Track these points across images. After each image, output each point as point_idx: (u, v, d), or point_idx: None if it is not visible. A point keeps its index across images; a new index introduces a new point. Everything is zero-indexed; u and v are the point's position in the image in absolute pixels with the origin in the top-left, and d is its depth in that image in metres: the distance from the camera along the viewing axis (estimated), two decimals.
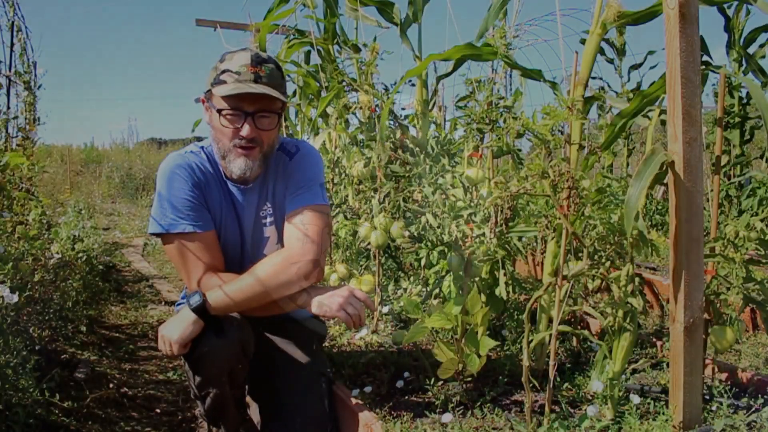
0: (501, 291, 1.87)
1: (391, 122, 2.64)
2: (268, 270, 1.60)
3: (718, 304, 1.70)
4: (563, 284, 1.49)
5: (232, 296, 1.57)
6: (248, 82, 1.56)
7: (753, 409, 1.61)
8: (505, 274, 1.90)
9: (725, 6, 4.73)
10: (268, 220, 1.76)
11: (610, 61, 6.21)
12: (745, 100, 5.16)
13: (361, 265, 2.52)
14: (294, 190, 1.72)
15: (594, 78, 5.98)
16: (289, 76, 3.72)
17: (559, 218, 1.48)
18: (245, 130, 1.59)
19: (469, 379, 1.83)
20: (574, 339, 2.25)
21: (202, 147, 1.73)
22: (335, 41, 3.40)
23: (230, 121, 1.60)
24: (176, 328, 1.54)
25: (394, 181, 2.37)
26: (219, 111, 1.60)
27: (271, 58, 1.64)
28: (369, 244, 2.28)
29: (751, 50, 5.03)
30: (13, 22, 3.15)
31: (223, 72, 1.59)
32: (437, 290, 2.06)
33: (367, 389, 1.90)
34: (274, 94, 1.57)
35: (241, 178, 1.66)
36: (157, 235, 1.65)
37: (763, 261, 1.68)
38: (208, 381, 1.59)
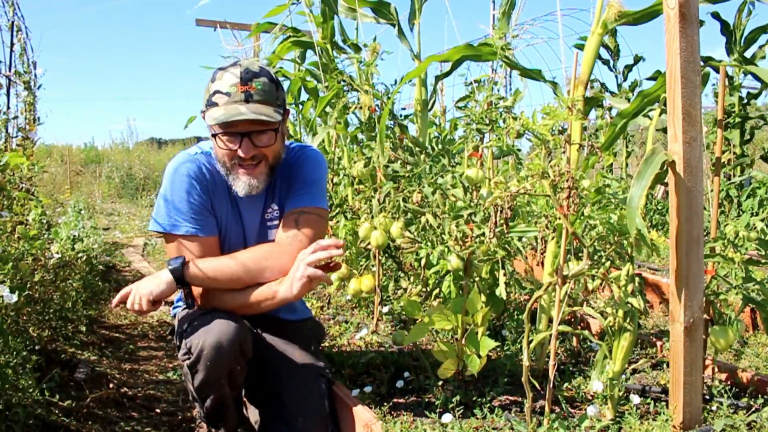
0: (501, 291, 1.87)
1: (390, 122, 2.63)
2: (250, 255, 1.62)
3: (718, 304, 1.70)
4: (563, 284, 1.49)
5: (207, 271, 1.58)
6: (239, 104, 1.54)
7: (753, 409, 1.61)
8: (505, 274, 1.90)
9: (722, 9, 4.75)
10: (276, 222, 1.76)
11: (606, 63, 6.22)
12: (745, 100, 5.16)
13: (361, 265, 2.52)
14: (296, 189, 1.73)
15: (592, 81, 5.99)
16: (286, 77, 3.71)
17: (559, 218, 1.48)
18: (242, 151, 1.58)
19: (469, 379, 1.83)
20: (574, 339, 2.25)
21: (212, 148, 1.71)
22: (333, 40, 3.39)
23: (226, 144, 1.59)
24: (150, 283, 1.56)
25: (394, 181, 2.37)
26: (214, 135, 1.59)
27: (263, 69, 1.61)
28: (369, 244, 2.28)
29: (751, 51, 5.04)
30: (12, 22, 3.15)
31: (214, 93, 1.57)
32: (437, 290, 2.06)
33: (367, 389, 1.90)
34: (264, 117, 1.54)
35: (246, 196, 1.66)
36: (159, 233, 1.65)
37: (763, 261, 1.68)
38: (207, 384, 1.59)
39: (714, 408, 1.63)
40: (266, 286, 1.60)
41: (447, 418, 1.63)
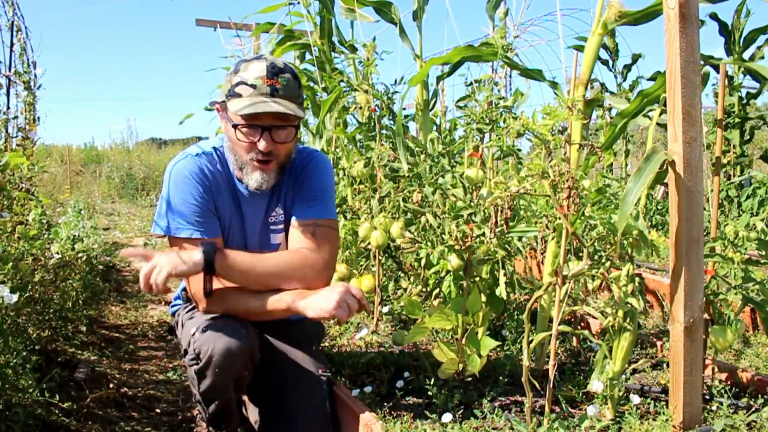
0: (501, 291, 1.87)
1: (391, 122, 2.63)
2: (282, 260, 1.60)
3: (718, 304, 1.70)
4: (563, 284, 1.49)
5: (240, 263, 1.54)
6: (264, 96, 1.53)
7: (753, 409, 1.61)
8: (505, 274, 1.90)
9: (721, 9, 4.77)
10: (279, 226, 1.75)
11: (605, 63, 6.22)
12: (745, 100, 5.16)
13: (361, 265, 2.52)
14: (307, 199, 1.71)
15: (592, 81, 5.98)
16: None
17: (559, 218, 1.48)
18: (262, 144, 1.56)
19: (469, 379, 1.83)
20: (574, 339, 2.25)
21: (215, 147, 1.69)
22: (330, 40, 3.39)
23: (246, 135, 1.57)
24: (175, 258, 1.45)
25: (394, 181, 2.37)
26: (235, 126, 1.57)
27: (288, 66, 1.60)
28: (369, 244, 2.28)
29: (750, 51, 5.04)
30: (12, 22, 3.15)
31: (238, 84, 1.55)
32: (437, 290, 2.06)
33: (367, 389, 1.90)
34: (290, 111, 1.53)
35: (257, 190, 1.65)
36: (162, 236, 1.65)
37: (763, 261, 1.68)
38: (214, 390, 1.58)
39: (714, 408, 1.63)
40: (281, 297, 1.57)
41: (447, 418, 1.63)
